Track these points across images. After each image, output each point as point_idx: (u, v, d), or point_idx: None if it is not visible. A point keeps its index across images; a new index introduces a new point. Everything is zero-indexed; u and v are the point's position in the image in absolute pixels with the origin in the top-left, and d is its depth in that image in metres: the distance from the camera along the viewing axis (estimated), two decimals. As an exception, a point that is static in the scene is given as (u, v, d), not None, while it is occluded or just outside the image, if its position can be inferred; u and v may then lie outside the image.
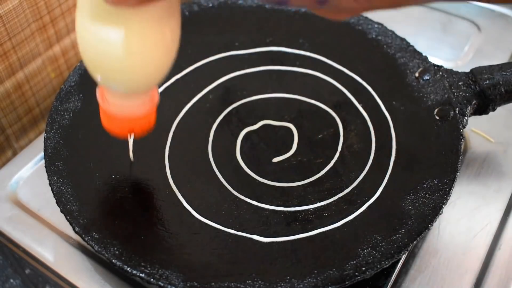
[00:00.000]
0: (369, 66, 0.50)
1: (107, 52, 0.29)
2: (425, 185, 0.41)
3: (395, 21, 0.54)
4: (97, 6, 0.28)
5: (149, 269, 0.36)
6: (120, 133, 0.36)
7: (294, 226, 0.40)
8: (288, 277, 0.36)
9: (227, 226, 0.40)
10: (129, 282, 0.41)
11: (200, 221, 0.40)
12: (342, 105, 0.48)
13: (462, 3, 0.65)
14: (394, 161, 0.43)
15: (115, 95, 0.33)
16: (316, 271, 0.36)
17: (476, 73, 0.45)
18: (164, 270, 0.36)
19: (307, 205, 0.41)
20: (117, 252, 0.37)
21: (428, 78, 0.47)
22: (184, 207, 0.41)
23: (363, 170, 0.43)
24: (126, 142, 0.44)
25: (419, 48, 0.50)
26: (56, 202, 0.39)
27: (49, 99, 0.57)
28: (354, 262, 0.36)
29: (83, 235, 0.38)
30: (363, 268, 0.36)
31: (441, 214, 0.38)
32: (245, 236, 0.39)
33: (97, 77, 0.32)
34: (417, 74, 0.48)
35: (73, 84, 0.47)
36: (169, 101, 0.48)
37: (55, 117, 0.45)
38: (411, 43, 0.50)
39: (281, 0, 0.25)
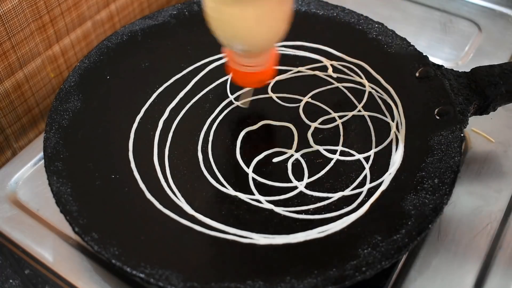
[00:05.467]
0: (369, 65, 0.50)
1: (240, 26, 0.38)
2: (426, 185, 0.41)
3: (395, 21, 0.54)
4: None
5: (149, 269, 0.36)
6: (248, 84, 0.45)
7: (294, 226, 0.40)
8: (288, 277, 0.36)
9: (227, 226, 0.40)
10: (129, 283, 0.41)
11: (200, 221, 0.40)
12: (342, 105, 0.47)
13: (463, 2, 0.65)
14: (394, 161, 0.43)
15: (244, 56, 0.41)
16: (316, 271, 0.36)
17: (476, 73, 0.45)
18: (164, 270, 0.36)
19: (307, 205, 0.41)
20: (116, 252, 0.37)
21: (428, 78, 0.47)
22: (184, 207, 0.41)
23: (363, 170, 0.43)
24: (125, 142, 0.44)
25: (419, 48, 0.50)
26: (56, 202, 0.39)
27: (49, 99, 0.57)
28: (354, 262, 0.36)
29: (83, 235, 0.37)
30: (363, 269, 0.36)
31: (441, 214, 0.38)
32: (245, 236, 0.39)
33: (231, 45, 0.40)
34: (417, 74, 0.48)
35: (72, 84, 0.47)
36: (169, 101, 0.48)
37: (55, 117, 0.45)
38: (412, 43, 0.50)
39: None
